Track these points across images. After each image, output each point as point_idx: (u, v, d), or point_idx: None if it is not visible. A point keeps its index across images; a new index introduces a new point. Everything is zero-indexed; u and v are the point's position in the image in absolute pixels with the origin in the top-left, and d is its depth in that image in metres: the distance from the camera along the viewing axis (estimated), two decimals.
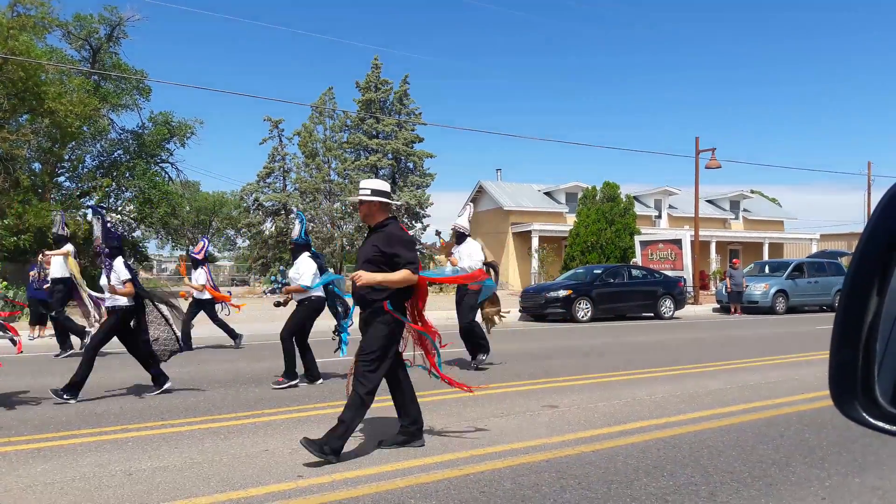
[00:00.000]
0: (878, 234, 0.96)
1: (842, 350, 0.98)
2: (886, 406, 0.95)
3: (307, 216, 35.88)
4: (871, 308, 0.96)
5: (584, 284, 19.69)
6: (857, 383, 0.97)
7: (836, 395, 0.99)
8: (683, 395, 7.53)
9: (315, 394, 7.66)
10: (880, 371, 0.96)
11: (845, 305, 0.99)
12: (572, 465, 4.76)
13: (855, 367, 0.97)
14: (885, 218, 0.96)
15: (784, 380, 8.56)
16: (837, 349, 0.98)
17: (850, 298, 0.98)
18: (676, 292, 21.09)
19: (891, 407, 0.95)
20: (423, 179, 36.72)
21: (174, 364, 10.09)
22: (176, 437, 5.69)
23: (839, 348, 0.98)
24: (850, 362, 0.97)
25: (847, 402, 0.98)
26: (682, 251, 27.61)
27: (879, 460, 4.81)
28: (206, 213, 65.26)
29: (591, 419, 6.28)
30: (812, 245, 41.96)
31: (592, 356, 11.15)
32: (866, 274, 0.96)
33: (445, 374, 5.89)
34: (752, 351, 11.85)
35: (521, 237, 38.29)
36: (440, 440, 5.50)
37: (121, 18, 31.13)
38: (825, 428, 5.79)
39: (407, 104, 37.28)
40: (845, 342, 0.97)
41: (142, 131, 34.24)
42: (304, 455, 4.83)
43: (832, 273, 24.42)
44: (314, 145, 36.27)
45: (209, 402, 7.19)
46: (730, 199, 44.67)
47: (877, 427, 0.95)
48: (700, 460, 4.87)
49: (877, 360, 0.95)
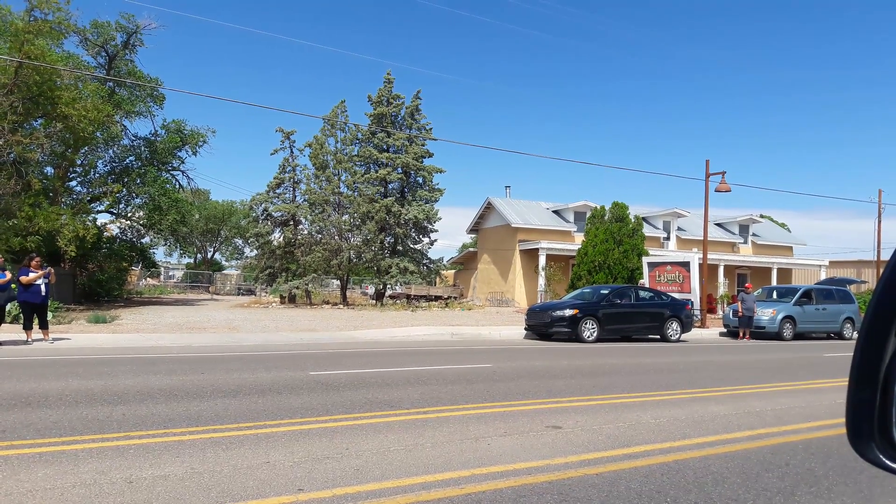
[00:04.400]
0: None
1: (859, 389, 0.96)
2: None
3: (316, 227, 35.99)
4: (890, 349, 0.94)
5: (590, 304, 19.60)
6: (875, 424, 0.95)
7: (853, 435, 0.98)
8: (689, 419, 7.47)
9: (317, 407, 7.63)
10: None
11: (863, 345, 0.97)
12: (574, 487, 4.72)
13: (872, 408, 0.95)
14: None
15: (790, 407, 8.48)
16: (855, 388, 0.97)
17: (869, 338, 0.97)
18: (684, 315, 20.97)
19: None
20: (432, 194, 36.74)
21: (180, 372, 10.11)
22: (178, 445, 5.67)
23: (857, 388, 0.97)
24: (867, 402, 0.96)
25: (864, 443, 0.97)
26: (690, 274, 27.48)
27: (886, 492, 4.75)
28: (215, 221, 65.50)
29: (594, 441, 6.23)
30: (821, 272, 41.73)
31: (597, 377, 11.08)
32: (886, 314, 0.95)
33: None
34: (759, 377, 11.75)
35: (528, 254, 38.24)
36: (442, 457, 5.47)
37: (137, 26, 31.44)
38: (831, 457, 5.73)
39: (418, 119, 37.41)
40: (863, 382, 0.96)
41: (154, 138, 34.48)
42: (306, 467, 4.81)
43: (840, 300, 24.25)
44: (325, 157, 36.39)
45: (212, 412, 7.17)
46: (739, 222, 44.55)
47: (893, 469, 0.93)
48: (704, 487, 4.82)
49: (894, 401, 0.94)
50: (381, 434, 6.26)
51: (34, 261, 13.99)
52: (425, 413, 7.40)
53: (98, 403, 7.47)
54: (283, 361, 12.02)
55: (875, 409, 0.96)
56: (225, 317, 24.39)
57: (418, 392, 8.83)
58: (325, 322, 22.63)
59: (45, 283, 13.95)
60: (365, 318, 24.98)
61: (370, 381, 9.73)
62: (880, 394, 0.95)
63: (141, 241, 37.08)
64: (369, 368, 11.22)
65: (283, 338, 16.81)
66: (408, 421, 6.92)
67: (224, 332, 17.78)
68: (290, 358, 12.65)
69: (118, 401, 7.69)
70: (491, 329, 21.00)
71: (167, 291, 50.28)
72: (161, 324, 19.96)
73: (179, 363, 11.35)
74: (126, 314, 23.62)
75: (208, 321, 21.77)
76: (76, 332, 16.47)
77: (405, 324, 22.31)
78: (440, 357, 13.51)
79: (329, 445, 5.76)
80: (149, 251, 39.16)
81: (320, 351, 14.24)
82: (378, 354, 13.77)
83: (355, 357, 13.11)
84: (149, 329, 18.08)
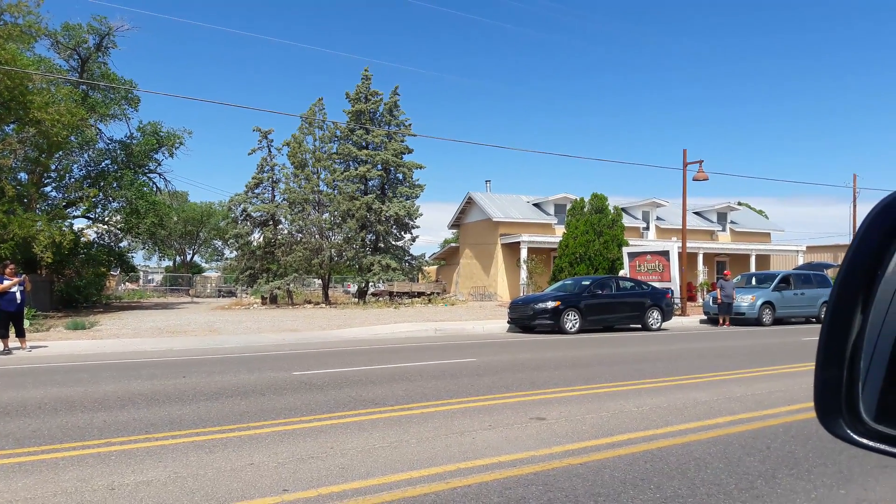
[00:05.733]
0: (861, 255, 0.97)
1: (827, 368, 0.98)
2: (870, 423, 0.95)
3: (296, 227, 35.80)
4: (855, 327, 0.96)
5: (572, 296, 19.71)
6: (842, 401, 0.97)
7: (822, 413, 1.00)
8: (671, 406, 7.54)
9: (301, 407, 7.60)
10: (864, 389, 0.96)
11: (830, 324, 0.99)
12: (560, 477, 4.75)
13: (839, 385, 0.97)
14: (867, 239, 0.97)
15: (771, 391, 8.59)
16: (822, 367, 0.99)
17: (835, 317, 0.98)
18: (664, 304, 21.15)
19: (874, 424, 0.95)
20: (413, 190, 36.69)
21: (161, 376, 10.02)
22: (160, 450, 5.62)
23: (824, 366, 0.99)
24: (834, 380, 0.97)
25: (832, 420, 0.98)
26: (670, 262, 27.73)
27: (865, 472, 4.83)
28: (193, 223, 64.95)
29: (578, 431, 6.27)
30: (798, 257, 42.28)
31: (580, 368, 11.15)
32: (850, 294, 0.97)
33: None
34: (739, 363, 11.89)
35: (509, 248, 38.34)
36: (427, 453, 5.47)
37: (110, 28, 31.02)
38: (811, 440, 5.81)
39: (397, 115, 37.31)
40: (830, 360, 0.98)
41: (130, 141, 34.06)
42: (290, 468, 4.79)
43: (818, 285, 24.59)
44: (303, 156, 36.15)
45: (195, 415, 7.12)
46: (717, 210, 44.98)
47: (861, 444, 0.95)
48: (687, 472, 4.87)
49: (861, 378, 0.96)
50: (366, 432, 6.25)
51: (8, 268, 13.78)
52: (410, 409, 7.40)
53: (78, 410, 7.38)
54: (266, 362, 11.96)
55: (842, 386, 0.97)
56: (206, 319, 24.20)
57: (403, 389, 8.83)
58: (308, 322, 22.53)
59: (21, 291, 13.74)
60: (348, 317, 24.91)
61: (354, 379, 9.71)
62: (847, 371, 0.97)
63: (119, 246, 36.65)
64: (353, 367, 11.20)
65: (266, 339, 16.72)
66: (392, 418, 6.92)
67: (205, 335, 17.64)
68: (273, 359, 12.59)
69: (99, 407, 7.60)
70: (474, 323, 21.04)
71: (147, 296, 49.82)
72: (141, 328, 19.76)
73: (160, 367, 11.25)
74: (105, 320, 23.35)
75: (189, 324, 21.59)
76: (54, 339, 16.26)
77: (388, 321, 22.29)
78: (424, 353, 13.52)
79: (314, 445, 5.74)
80: (127, 255, 38.69)
81: (303, 351, 14.19)
82: (361, 353, 13.75)
83: (339, 356, 13.08)
84: (129, 334, 17.90)
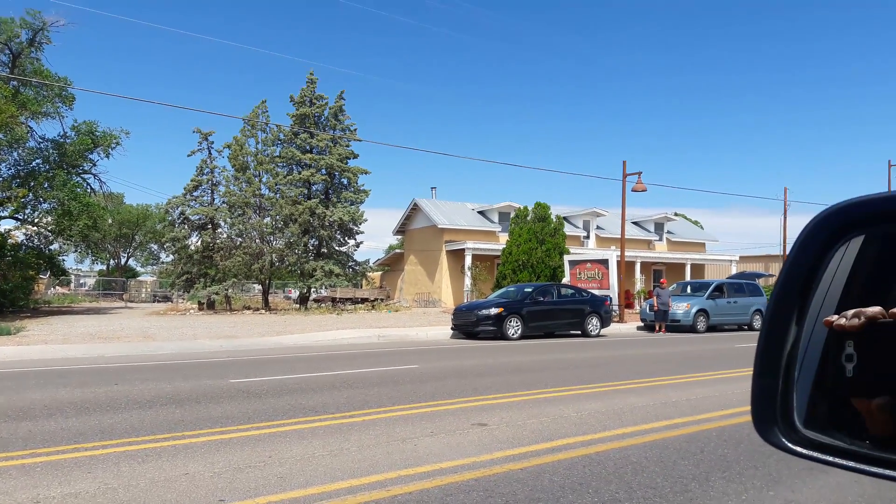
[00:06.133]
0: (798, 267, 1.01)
1: (763, 377, 1.01)
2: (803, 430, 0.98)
3: (236, 231, 35.06)
4: (791, 336, 0.99)
5: (515, 303, 19.91)
6: (777, 410, 1.00)
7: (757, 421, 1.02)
8: (609, 411, 7.68)
9: (238, 415, 7.43)
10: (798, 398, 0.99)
11: (766, 333, 1.02)
12: (500, 483, 4.77)
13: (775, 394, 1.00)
14: (803, 252, 1.01)
15: (705, 396, 8.85)
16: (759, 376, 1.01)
17: (771, 327, 1.02)
18: (603, 311, 21.58)
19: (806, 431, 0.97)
20: (357, 196, 36.41)
21: (92, 384, 9.65)
22: (89, 461, 5.40)
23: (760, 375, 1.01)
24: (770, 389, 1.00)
25: (767, 428, 1.01)
26: (609, 271, 28.29)
27: (792, 474, 5.01)
28: (129, 226, 62.88)
29: (519, 437, 6.31)
30: (732, 266, 43.75)
31: (522, 374, 11.25)
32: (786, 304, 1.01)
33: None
34: (675, 368, 12.21)
35: (454, 255, 38.47)
36: (369, 461, 5.42)
37: (44, 23, 29.86)
38: (742, 443, 6.01)
39: (342, 120, 36.98)
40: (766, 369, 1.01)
41: (63, 140, 32.72)
42: (227, 477, 4.67)
43: (751, 294, 25.49)
44: (245, 159, 35.42)
45: (126, 424, 6.88)
46: (654, 221, 46.17)
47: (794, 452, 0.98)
48: (624, 476, 4.96)
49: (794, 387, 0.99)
50: (306, 440, 6.15)
51: None
52: (351, 417, 7.33)
53: (0, 420, 7.03)
54: (202, 370, 11.66)
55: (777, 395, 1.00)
56: (140, 325, 23.44)
57: (344, 396, 8.73)
58: (247, 328, 22.08)
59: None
60: (288, 323, 24.53)
61: (293, 387, 9.55)
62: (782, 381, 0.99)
63: (49, 248, 35.15)
64: (293, 374, 11.02)
65: (202, 345, 16.30)
66: (333, 426, 6.83)
67: (139, 341, 17.08)
68: (210, 366, 12.28)
69: (23, 416, 7.26)
70: (418, 330, 21.00)
71: (78, 300, 47.90)
72: (71, 334, 19.00)
73: (91, 375, 10.83)
74: (33, 325, 22.34)
75: (122, 330, 20.87)
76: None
77: (330, 327, 22.03)
78: (367, 360, 13.41)
79: (251, 454, 5.62)
80: (58, 258, 37.14)
81: (241, 358, 13.90)
82: (302, 360, 13.54)
83: (278, 363, 12.85)
84: (58, 340, 17.18)
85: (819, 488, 4.69)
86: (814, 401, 0.98)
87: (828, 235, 1.00)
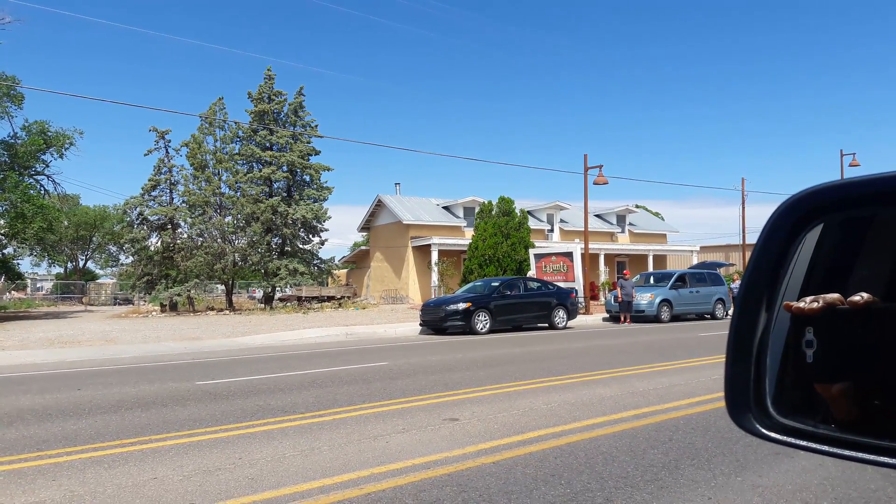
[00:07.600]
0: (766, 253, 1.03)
1: (735, 364, 1.02)
2: (776, 416, 0.99)
3: (196, 230, 34.48)
4: (761, 323, 1.01)
5: (482, 297, 19.99)
6: (751, 396, 1.01)
7: (731, 409, 1.03)
8: (578, 402, 7.76)
9: (206, 417, 7.32)
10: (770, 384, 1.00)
11: (737, 321, 1.03)
12: (473, 477, 4.79)
13: (748, 381, 1.01)
14: (771, 239, 1.02)
15: (672, 385, 8.99)
16: (731, 364, 1.03)
17: (742, 314, 1.03)
18: (569, 303, 21.81)
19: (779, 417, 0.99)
20: (321, 193, 36.11)
21: (53, 390, 9.41)
22: (54, 468, 5.27)
23: (733, 363, 1.02)
24: (743, 376, 1.01)
25: (742, 415, 1.02)
26: (574, 263, 28.58)
27: (759, 459, 5.13)
28: (86, 228, 61.36)
29: (490, 430, 6.34)
30: (693, 256, 44.54)
31: (492, 367, 11.30)
32: (756, 291, 1.02)
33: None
34: (641, 358, 12.39)
35: (420, 251, 38.43)
36: (341, 459, 5.39)
37: None
38: (710, 430, 6.12)
39: (302, 116, 36.59)
40: (738, 357, 1.02)
41: (14, 141, 31.81)
42: (197, 480, 4.60)
43: (712, 283, 26.00)
44: (203, 157, 34.81)
45: (92, 430, 6.72)
46: (616, 213, 46.75)
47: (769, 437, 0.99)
48: (595, 467, 5.02)
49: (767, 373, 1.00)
50: (276, 441, 6.09)
51: None
52: (321, 416, 7.27)
53: None
54: (167, 372, 11.46)
55: (750, 381, 1.01)
56: (101, 328, 22.92)
57: (313, 395, 8.67)
58: (211, 329, 21.76)
59: None
60: (253, 323, 24.24)
61: (261, 387, 9.45)
62: (754, 367, 1.01)
63: (3, 252, 34.18)
64: (260, 375, 10.89)
65: (166, 348, 16.02)
66: (303, 426, 6.78)
67: (100, 345, 16.71)
68: (174, 368, 12.08)
69: None
70: (386, 327, 20.95)
71: (35, 305, 46.66)
72: (29, 339, 18.49)
73: (52, 380, 10.56)
74: None
75: (83, 334, 20.39)
76: None
77: (297, 326, 21.84)
78: (335, 358, 13.33)
79: (221, 456, 5.54)
80: (12, 262, 36.15)
81: (206, 359, 13.69)
82: (269, 360, 13.40)
83: (245, 364, 12.70)
84: (15, 345, 16.70)
85: (785, 472, 4.81)
86: (783, 386, 1.00)
87: (793, 223, 1.02)
